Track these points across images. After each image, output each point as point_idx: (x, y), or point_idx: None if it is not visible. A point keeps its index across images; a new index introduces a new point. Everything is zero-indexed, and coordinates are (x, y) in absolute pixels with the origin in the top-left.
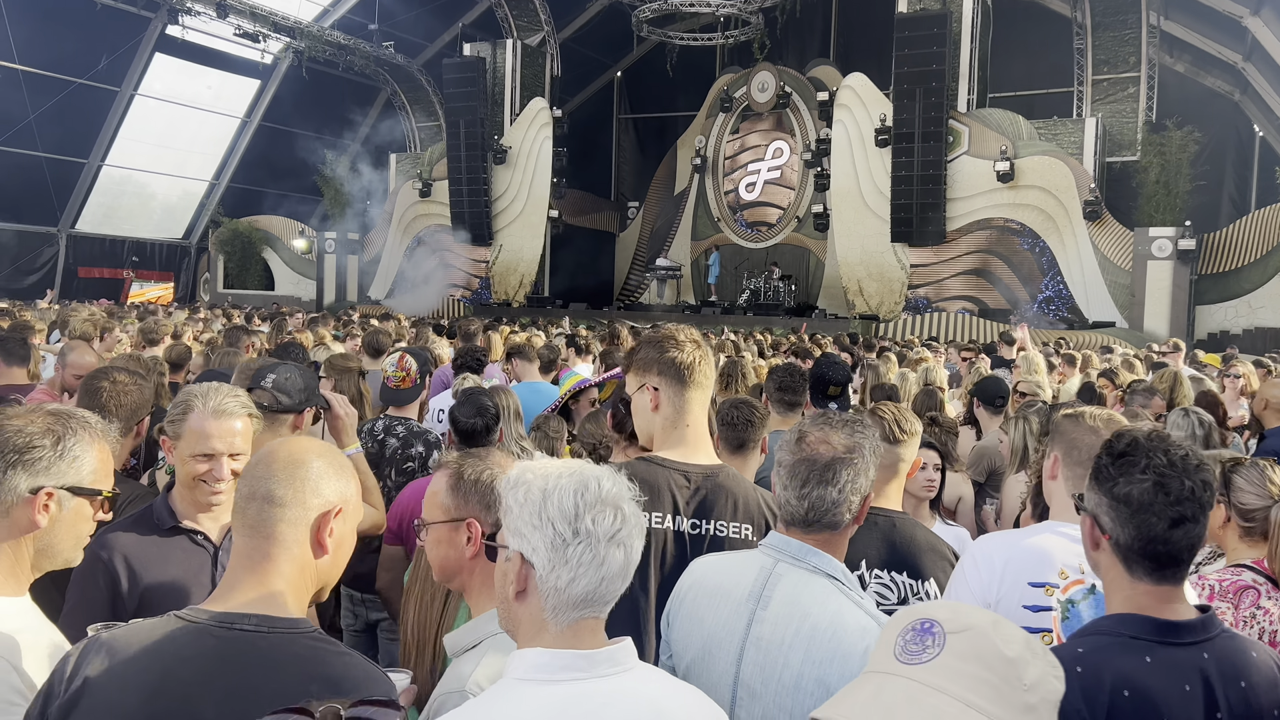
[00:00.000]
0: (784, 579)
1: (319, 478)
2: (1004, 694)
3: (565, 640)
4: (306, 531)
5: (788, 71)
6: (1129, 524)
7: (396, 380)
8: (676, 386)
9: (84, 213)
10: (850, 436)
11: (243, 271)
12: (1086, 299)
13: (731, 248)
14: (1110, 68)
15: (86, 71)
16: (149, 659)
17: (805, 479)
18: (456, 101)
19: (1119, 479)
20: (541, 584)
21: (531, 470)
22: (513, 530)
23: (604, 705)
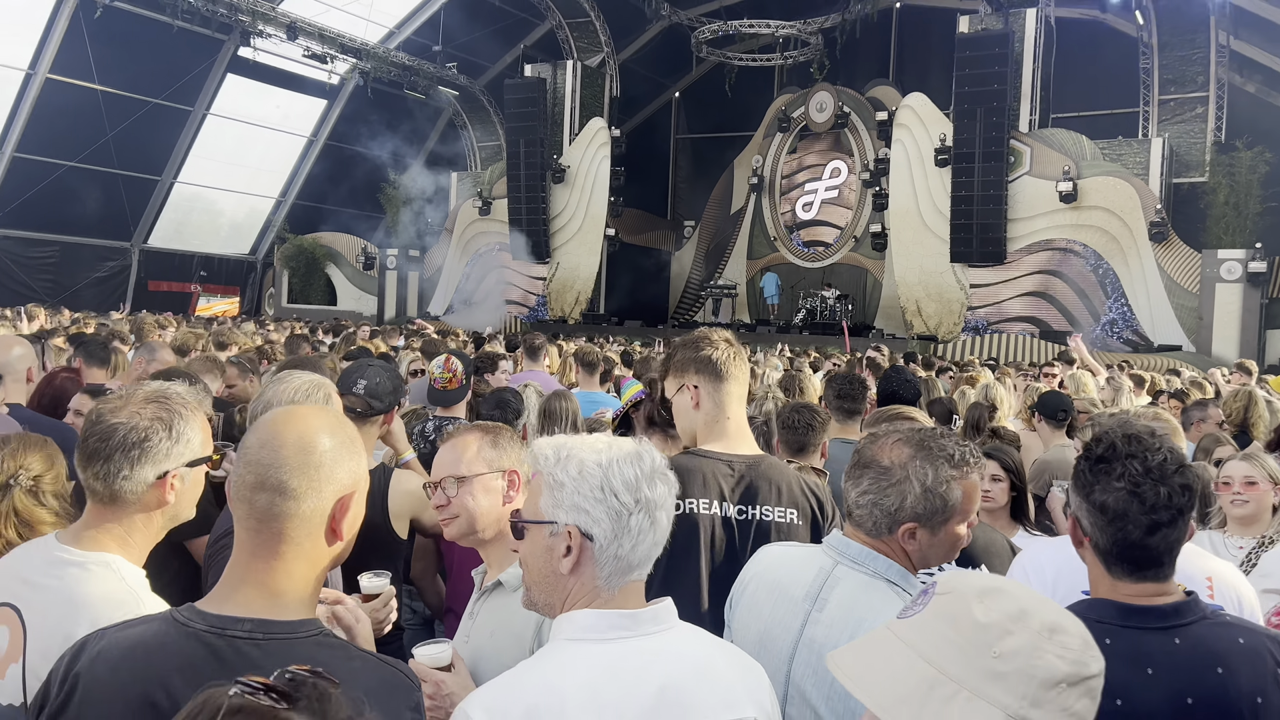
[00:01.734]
0: (842, 582)
1: (334, 461)
2: (968, 655)
3: (614, 603)
4: (322, 523)
5: (846, 91)
6: (1105, 530)
7: (444, 381)
8: (714, 382)
9: (156, 228)
10: (910, 452)
11: (306, 287)
12: (1152, 322)
13: (787, 267)
14: (1178, 87)
15: (162, 92)
16: (139, 666)
17: (848, 469)
18: (517, 121)
19: (1095, 486)
20: (600, 554)
21: (573, 446)
22: (567, 506)
23: (651, 661)
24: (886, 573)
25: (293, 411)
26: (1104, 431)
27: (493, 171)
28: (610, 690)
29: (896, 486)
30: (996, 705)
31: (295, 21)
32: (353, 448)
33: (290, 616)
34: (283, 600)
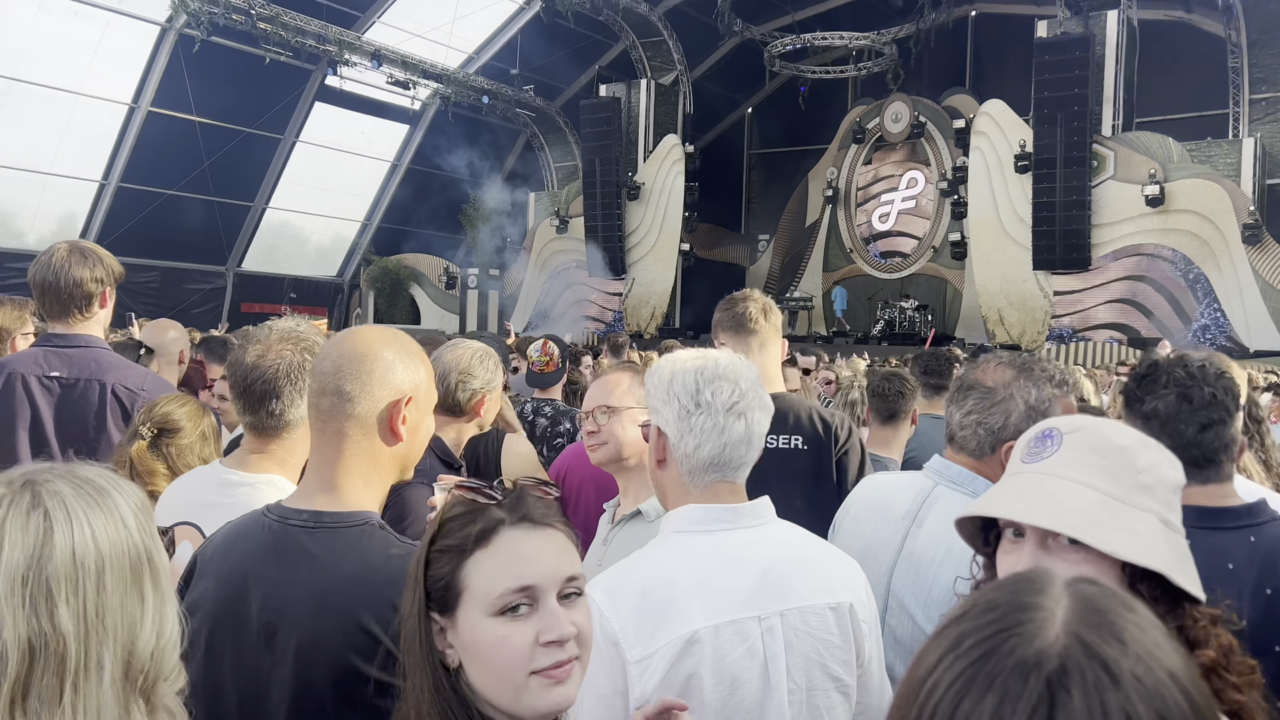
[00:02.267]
0: (940, 500)
1: (387, 369)
2: (1118, 475)
3: (708, 499)
4: (375, 424)
5: (922, 101)
6: (1162, 437)
7: (541, 364)
8: (738, 335)
9: (249, 252)
10: (1012, 373)
11: (391, 307)
12: (1247, 327)
13: (864, 279)
14: (1269, 86)
15: (254, 121)
16: (227, 549)
17: (951, 394)
18: (592, 141)
19: (1144, 398)
20: (675, 451)
21: (666, 359)
22: (651, 408)
23: (753, 549)
24: (983, 491)
25: (354, 330)
26: (1147, 356)
27: (569, 190)
28: (716, 573)
29: (1001, 405)
30: (1150, 512)
31: (379, 50)
32: (408, 359)
33: (345, 508)
34: (340, 494)
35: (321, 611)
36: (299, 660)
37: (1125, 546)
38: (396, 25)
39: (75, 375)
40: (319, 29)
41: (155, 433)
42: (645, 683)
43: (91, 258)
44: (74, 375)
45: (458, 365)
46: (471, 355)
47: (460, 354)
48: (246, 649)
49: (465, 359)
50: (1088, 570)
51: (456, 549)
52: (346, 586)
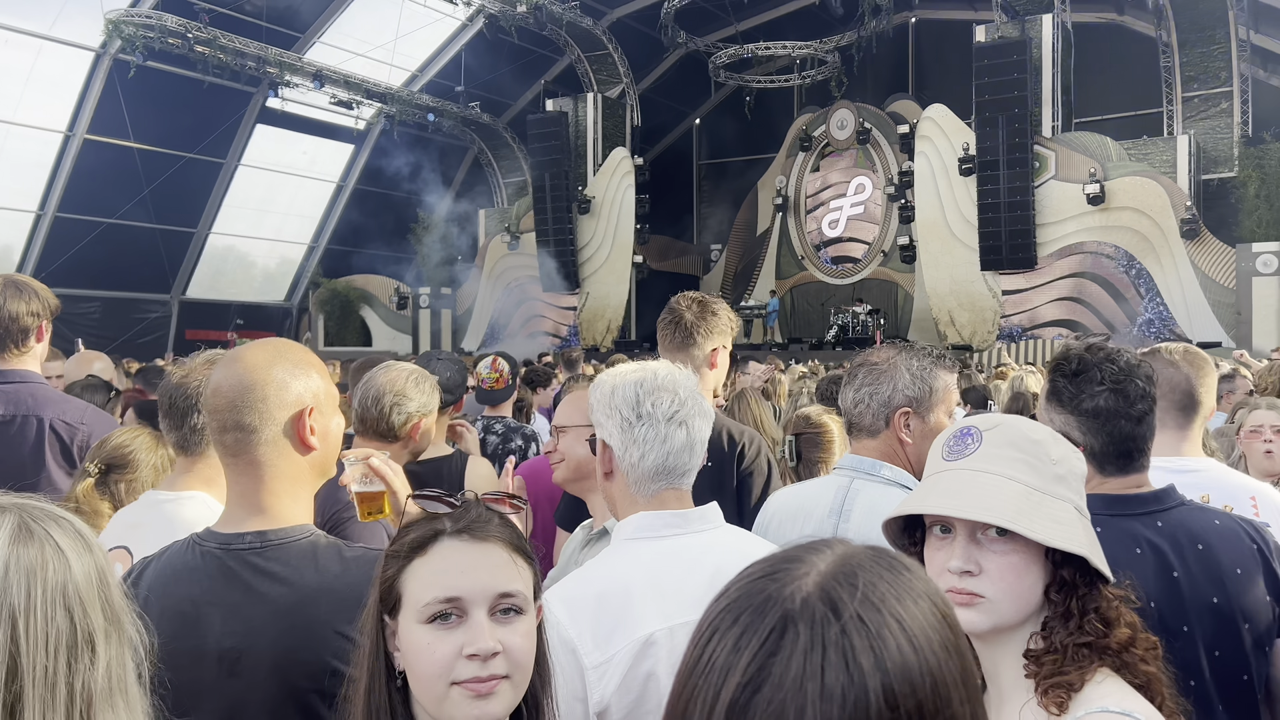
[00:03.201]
0: (861, 493)
1: (280, 388)
2: (1037, 467)
3: (656, 506)
4: (287, 443)
5: (866, 108)
6: (1100, 433)
7: (490, 381)
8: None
9: (194, 280)
10: (894, 351)
11: (342, 329)
12: (1189, 320)
13: (816, 285)
14: (1200, 84)
15: (195, 146)
16: (165, 583)
17: (843, 383)
18: (541, 155)
19: (1081, 395)
20: (620, 462)
21: (607, 374)
22: (596, 422)
23: (704, 552)
24: (898, 478)
25: (236, 356)
26: (1066, 350)
27: (519, 205)
28: (669, 577)
29: (887, 374)
30: (1067, 501)
31: (321, 70)
32: (298, 370)
33: (284, 525)
34: (273, 514)
35: (293, 627)
36: (276, 678)
37: (1052, 534)
38: (338, 45)
39: (12, 411)
40: (258, 51)
41: (103, 469)
42: (604, 687)
43: (27, 291)
44: (10, 411)
45: (392, 388)
46: (406, 377)
47: (394, 376)
48: (205, 681)
49: (400, 381)
50: (1017, 560)
51: (400, 554)
52: (314, 597)
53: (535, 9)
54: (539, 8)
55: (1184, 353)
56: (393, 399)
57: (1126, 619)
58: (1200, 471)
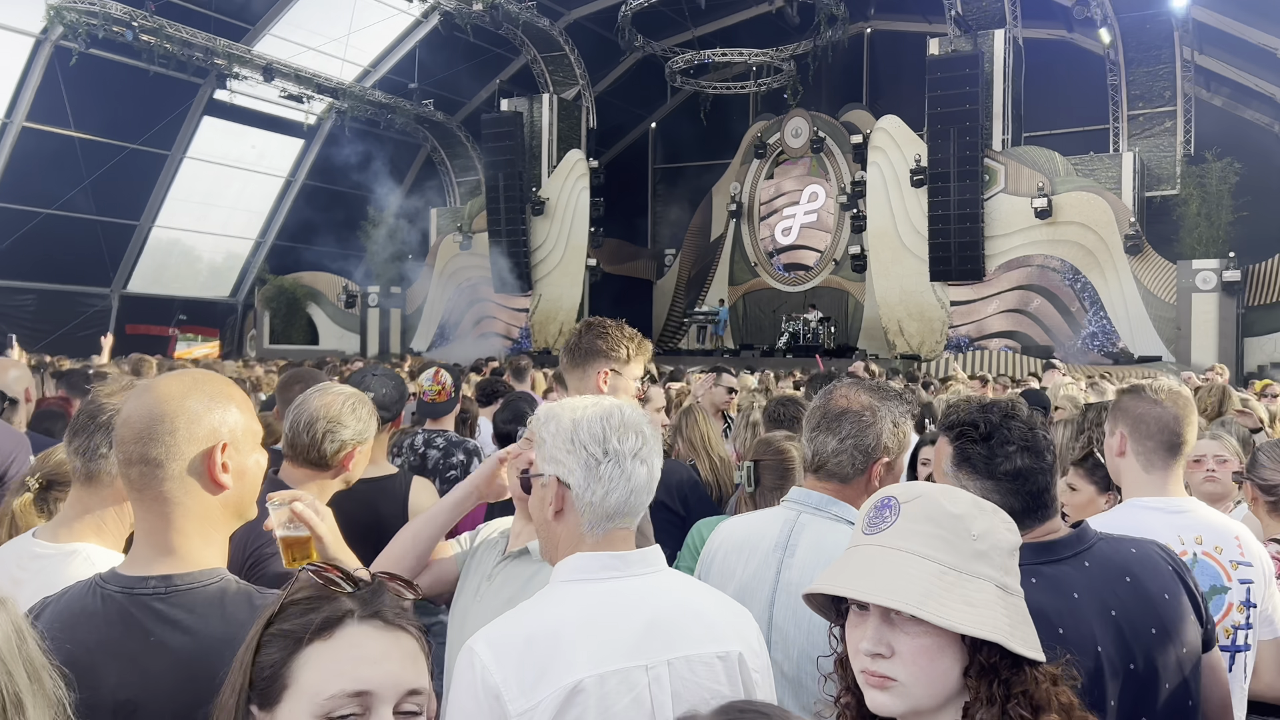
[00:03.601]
0: (808, 528)
1: (191, 421)
2: (954, 544)
3: (601, 547)
4: (196, 480)
5: (821, 116)
6: (1019, 492)
7: (433, 394)
8: (561, 365)
9: (135, 274)
10: (871, 397)
11: (288, 327)
12: (1131, 333)
13: (768, 291)
14: (1146, 103)
15: (138, 137)
16: (60, 630)
17: (815, 425)
18: (495, 155)
19: (994, 459)
20: (578, 501)
21: (560, 406)
22: (548, 459)
23: (641, 598)
24: (845, 514)
25: (149, 386)
26: (964, 414)
27: (472, 205)
28: (602, 622)
29: (872, 426)
30: (987, 579)
31: (271, 63)
32: (213, 402)
33: (192, 569)
34: (181, 556)
35: (193, 679)
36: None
37: (962, 619)
38: (289, 38)
39: None
40: (206, 41)
41: (44, 484)
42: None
43: None
44: None
45: (326, 413)
46: (342, 403)
47: (329, 401)
48: None
49: (334, 406)
50: (929, 642)
51: (293, 636)
52: (218, 648)
53: (491, 8)
54: (495, 6)
55: (1169, 392)
56: (326, 425)
57: (1060, 701)
58: (1189, 512)
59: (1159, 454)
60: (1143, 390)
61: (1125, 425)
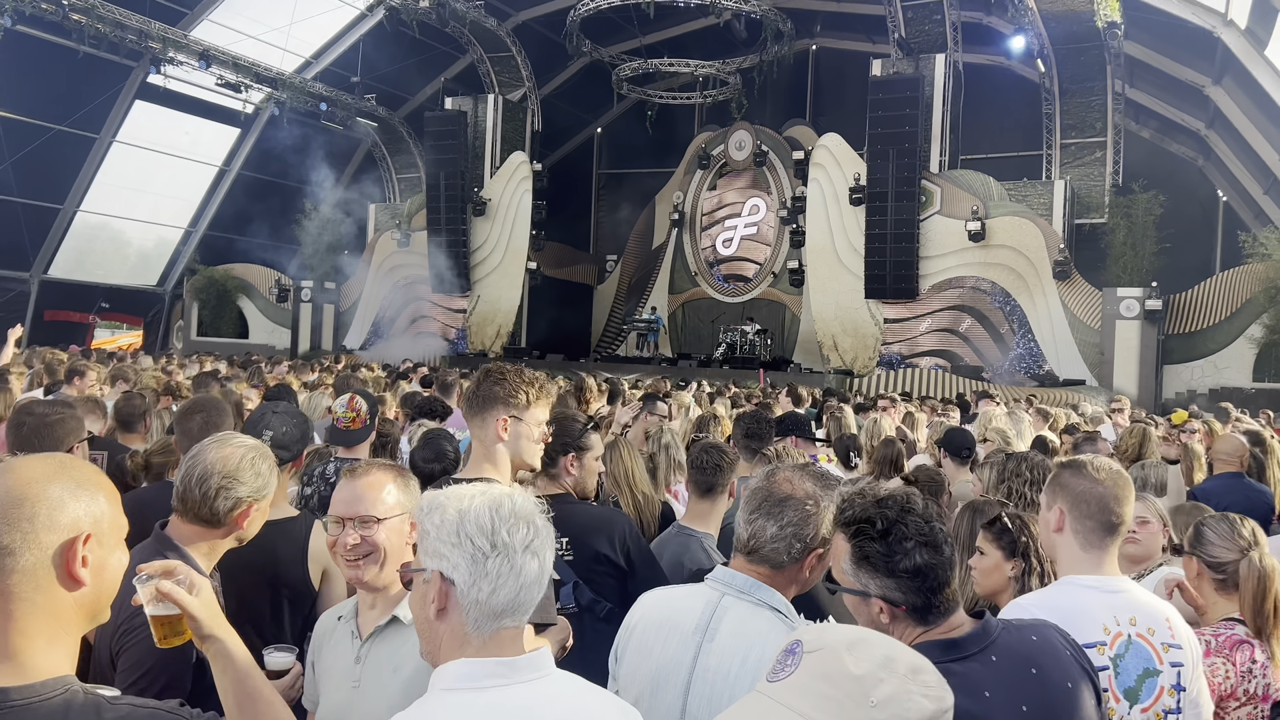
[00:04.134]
0: (730, 612)
1: (54, 508)
2: (848, 709)
3: (488, 650)
4: (50, 574)
5: (764, 130)
6: (921, 590)
7: (346, 421)
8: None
9: (57, 258)
10: (814, 486)
11: (217, 319)
12: (1057, 357)
13: (708, 301)
14: (1078, 132)
15: (65, 118)
16: None
17: (755, 508)
18: (437, 154)
19: (894, 557)
20: (463, 598)
21: (444, 495)
22: (430, 552)
23: (528, 709)
24: (771, 600)
25: (7, 464)
26: (860, 510)
27: (412, 203)
28: None
29: (815, 517)
30: None
31: (208, 49)
32: (80, 490)
33: (34, 679)
34: (22, 662)
35: None
36: None
37: None
38: (227, 24)
39: None
40: (140, 24)
41: None
42: None
43: None
44: None
45: (221, 468)
46: (241, 457)
47: (227, 454)
48: None
49: (232, 461)
50: None
51: None
52: None
53: (438, 5)
54: (442, 4)
55: (1109, 470)
56: (220, 481)
57: None
58: (1124, 592)
59: (1097, 533)
60: (1084, 467)
61: (1065, 502)
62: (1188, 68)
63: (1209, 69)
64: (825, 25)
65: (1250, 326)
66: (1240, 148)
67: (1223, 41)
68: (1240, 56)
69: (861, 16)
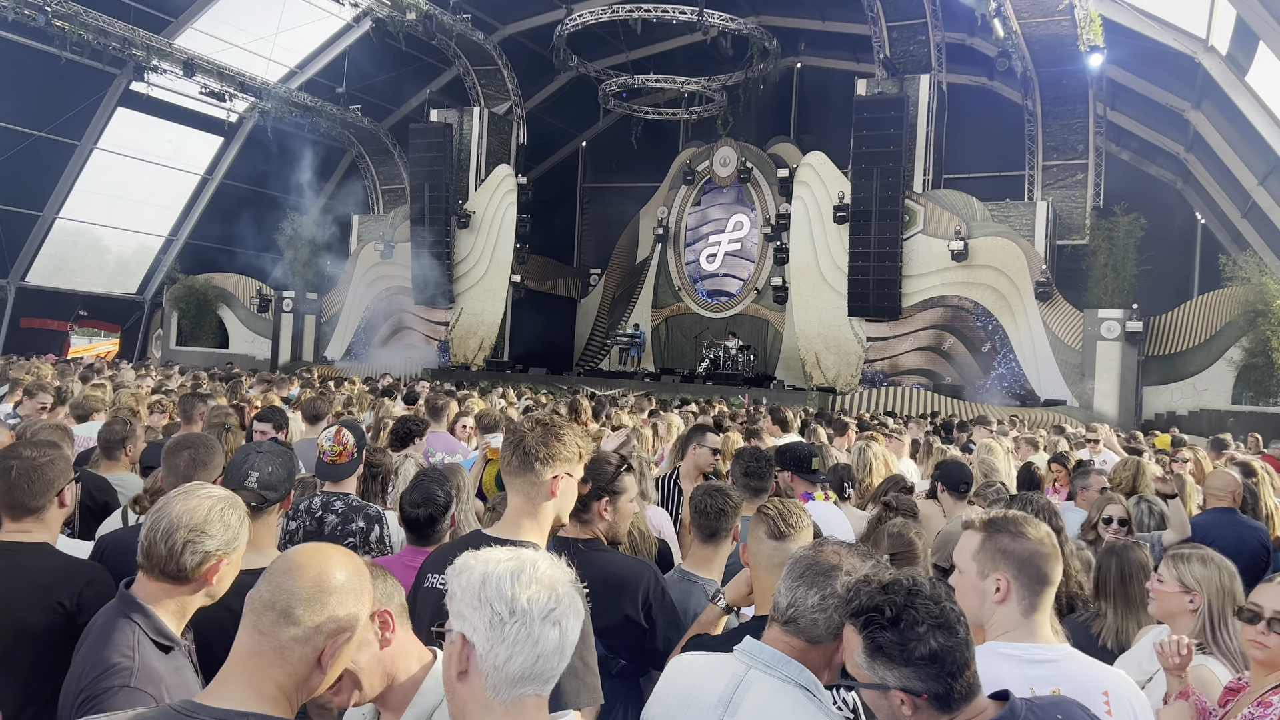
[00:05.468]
0: (754, 686)
1: (339, 602)
2: None
3: (512, 715)
4: (314, 653)
5: (749, 148)
6: (940, 677)
7: (333, 455)
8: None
9: (35, 265)
10: (860, 562)
11: (197, 329)
12: (1038, 377)
13: (691, 316)
14: (1060, 154)
15: (46, 125)
16: None
17: (799, 576)
18: (422, 165)
19: (908, 644)
20: (481, 663)
21: (474, 557)
22: (456, 613)
23: None
24: (799, 677)
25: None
26: (866, 599)
27: (396, 215)
28: None
29: None
30: None
31: (192, 58)
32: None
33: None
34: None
35: None
36: None
37: None
38: (212, 33)
39: None
40: (124, 31)
41: None
42: None
43: None
44: None
45: (188, 521)
46: (209, 509)
47: (194, 506)
48: None
49: (199, 513)
50: None
51: None
52: None
53: (425, 18)
54: (429, 17)
55: (1035, 526)
56: (187, 535)
57: None
58: (1055, 662)
59: (1040, 596)
60: (1022, 527)
61: (1009, 569)
62: (1168, 92)
63: (1189, 93)
64: (810, 44)
65: (1229, 349)
66: (1219, 171)
67: (1203, 67)
68: (1220, 82)
69: (846, 36)
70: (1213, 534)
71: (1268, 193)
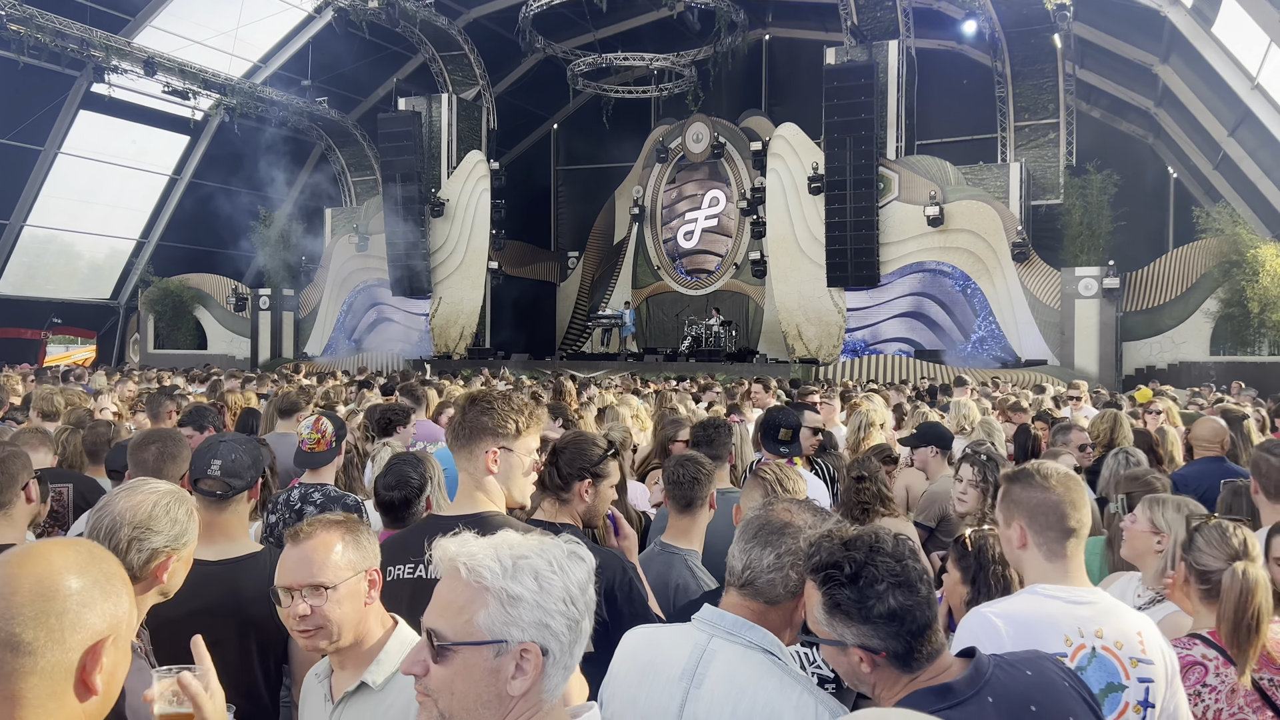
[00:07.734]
0: (718, 655)
1: (80, 606)
2: None
3: (554, 715)
4: (67, 679)
5: (721, 122)
6: (900, 635)
7: (311, 443)
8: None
9: (5, 274)
10: (814, 518)
11: (174, 331)
12: (1019, 338)
13: (671, 295)
14: (1031, 114)
15: (8, 131)
16: None
17: (751, 536)
18: (392, 155)
19: (868, 601)
20: (553, 666)
21: (514, 552)
22: (527, 621)
23: None
24: (763, 642)
25: (35, 546)
26: (827, 555)
27: (369, 206)
28: None
29: None
30: None
31: (153, 57)
32: (110, 586)
33: None
34: None
35: None
36: None
37: None
38: (171, 30)
39: None
40: (81, 32)
41: None
42: None
43: None
44: None
45: (131, 518)
46: (154, 504)
47: (137, 502)
48: None
49: (143, 509)
50: None
51: None
52: None
53: (388, 5)
54: (391, 4)
55: (1058, 475)
56: (131, 533)
57: None
58: (1092, 604)
59: (1059, 542)
60: (1032, 477)
61: (1022, 517)
62: (1136, 47)
63: (1157, 48)
64: (777, 14)
65: (1206, 301)
66: (1189, 124)
67: (1170, 20)
68: (1187, 34)
69: (814, 4)
70: (1199, 484)
71: (1238, 143)
